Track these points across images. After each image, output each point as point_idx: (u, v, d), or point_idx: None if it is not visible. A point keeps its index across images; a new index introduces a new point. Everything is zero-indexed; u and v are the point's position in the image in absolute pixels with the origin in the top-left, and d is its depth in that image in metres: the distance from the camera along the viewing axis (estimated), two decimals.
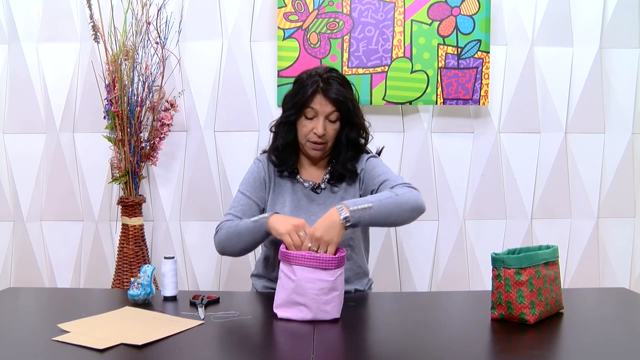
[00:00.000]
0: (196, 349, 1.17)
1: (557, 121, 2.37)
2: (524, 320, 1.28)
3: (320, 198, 1.67)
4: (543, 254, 1.35)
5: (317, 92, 1.58)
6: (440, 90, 2.27)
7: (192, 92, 2.32)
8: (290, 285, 1.33)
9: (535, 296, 1.29)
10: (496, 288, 1.32)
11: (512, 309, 1.30)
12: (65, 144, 2.35)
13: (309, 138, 1.62)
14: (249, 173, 1.72)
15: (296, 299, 1.32)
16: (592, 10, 2.34)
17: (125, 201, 2.17)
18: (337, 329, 1.30)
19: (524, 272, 1.29)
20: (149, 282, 1.47)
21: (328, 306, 1.32)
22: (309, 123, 1.61)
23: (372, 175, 1.66)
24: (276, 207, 1.65)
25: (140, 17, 2.11)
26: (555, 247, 1.40)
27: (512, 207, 2.40)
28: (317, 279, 1.31)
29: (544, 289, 1.32)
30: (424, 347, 1.22)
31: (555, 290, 1.36)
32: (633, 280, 2.45)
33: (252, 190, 1.67)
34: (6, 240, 2.40)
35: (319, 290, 1.31)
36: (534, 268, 1.31)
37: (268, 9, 2.29)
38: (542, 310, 1.31)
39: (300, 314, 1.33)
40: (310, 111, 1.60)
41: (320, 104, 1.59)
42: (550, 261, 1.37)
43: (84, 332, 1.23)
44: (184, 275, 2.38)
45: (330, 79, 1.60)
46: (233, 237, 1.56)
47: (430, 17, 2.24)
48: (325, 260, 1.31)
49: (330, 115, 1.60)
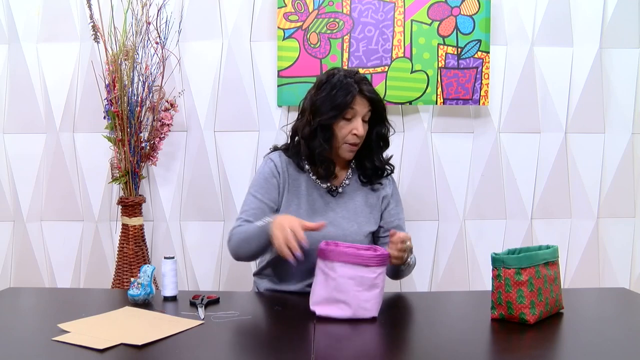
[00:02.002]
0: (196, 349, 1.17)
1: (557, 121, 2.37)
2: (524, 320, 1.28)
3: (338, 201, 1.65)
4: (543, 254, 1.35)
5: (357, 93, 1.59)
6: (440, 90, 2.27)
7: (192, 92, 2.32)
8: (331, 283, 1.31)
9: (536, 296, 1.29)
10: (496, 288, 1.32)
11: (512, 309, 1.30)
12: (65, 144, 2.35)
13: (347, 140, 1.61)
14: (259, 174, 1.67)
15: (336, 295, 1.31)
16: (592, 10, 2.34)
17: (125, 201, 2.17)
18: (337, 328, 1.30)
19: (524, 272, 1.29)
20: (149, 282, 1.47)
21: (368, 304, 1.31)
22: (347, 125, 1.60)
23: (394, 212, 1.71)
24: (291, 209, 1.62)
25: (140, 17, 2.11)
26: (555, 247, 1.40)
27: (512, 207, 2.40)
28: (358, 275, 1.30)
29: (544, 289, 1.32)
30: (424, 347, 1.22)
31: (555, 290, 1.36)
32: (633, 280, 2.46)
33: (263, 192, 1.63)
34: (6, 240, 2.40)
35: (360, 287, 1.30)
36: (534, 268, 1.31)
37: (268, 9, 2.29)
38: (542, 310, 1.31)
39: (340, 312, 1.31)
40: (350, 112, 1.59)
41: (360, 104, 1.60)
42: (551, 261, 1.37)
43: (84, 332, 1.23)
44: (184, 275, 2.38)
45: (362, 79, 1.63)
46: (243, 244, 1.53)
47: (430, 17, 2.24)
48: (367, 257, 1.30)
49: (366, 115, 1.62)
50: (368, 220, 1.65)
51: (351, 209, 1.65)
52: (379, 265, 1.32)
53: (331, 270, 1.32)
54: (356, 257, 1.30)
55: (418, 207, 2.36)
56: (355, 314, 1.31)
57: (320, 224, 1.41)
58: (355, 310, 1.31)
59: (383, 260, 1.33)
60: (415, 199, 2.35)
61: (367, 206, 1.66)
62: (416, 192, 2.36)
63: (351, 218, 1.63)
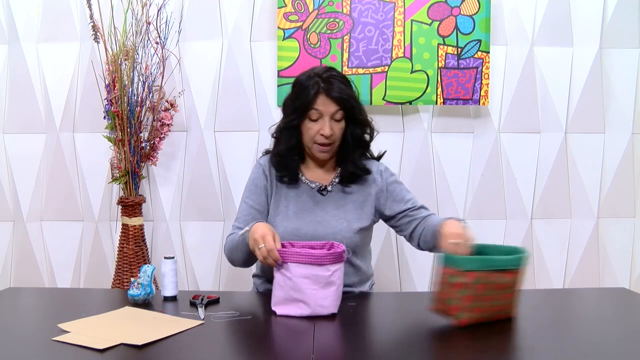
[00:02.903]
0: (196, 349, 1.17)
1: (557, 121, 2.37)
2: (457, 320, 1.26)
3: (328, 200, 1.65)
4: (499, 260, 1.28)
5: (320, 92, 1.55)
6: (440, 90, 2.27)
7: (192, 92, 2.32)
8: (287, 283, 1.34)
9: (474, 300, 1.25)
10: (438, 284, 1.30)
11: (448, 308, 1.28)
12: (65, 144, 2.35)
13: (316, 140, 1.58)
14: (249, 179, 1.69)
15: (294, 295, 1.34)
16: (592, 10, 2.34)
17: (125, 201, 2.17)
18: (337, 328, 1.30)
19: (468, 275, 1.24)
20: (149, 282, 1.47)
21: (325, 301, 1.33)
22: (314, 125, 1.57)
23: (399, 197, 1.67)
24: (279, 211, 1.63)
25: (140, 17, 2.11)
26: (521, 256, 1.31)
27: (512, 207, 2.40)
28: (312, 274, 1.32)
29: (485, 295, 1.26)
30: (424, 347, 1.22)
31: (506, 297, 1.30)
32: (633, 280, 2.46)
33: (253, 198, 1.65)
34: (6, 240, 2.40)
35: (315, 286, 1.32)
36: (480, 273, 1.25)
37: (268, 9, 2.29)
38: (479, 315, 1.27)
39: (299, 310, 1.34)
40: (314, 113, 1.56)
41: (324, 104, 1.56)
42: (509, 269, 1.29)
43: (84, 332, 1.23)
44: (184, 275, 2.38)
45: (331, 77, 1.57)
46: (233, 252, 1.56)
47: (430, 17, 2.24)
48: (320, 256, 1.32)
49: (335, 114, 1.57)
50: (359, 216, 1.64)
51: (341, 206, 1.64)
52: (332, 262, 1.33)
53: (287, 270, 1.34)
54: (308, 256, 1.32)
55: None
56: (314, 312, 1.33)
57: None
58: (313, 309, 1.33)
59: (336, 258, 1.34)
60: None
61: (358, 202, 1.65)
62: (416, 192, 2.33)
63: (340, 216, 1.62)
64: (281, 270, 1.36)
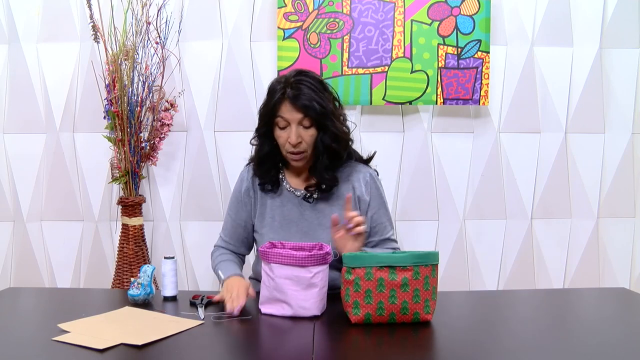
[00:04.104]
0: (196, 349, 1.17)
1: (557, 121, 2.37)
2: (351, 317, 1.30)
3: (313, 209, 1.60)
4: (384, 257, 1.30)
5: (284, 99, 1.49)
6: (440, 90, 2.27)
7: (192, 92, 2.32)
8: (271, 283, 1.36)
9: (362, 298, 1.28)
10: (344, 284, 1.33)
11: (345, 305, 1.32)
12: (65, 144, 2.35)
13: (287, 149, 1.53)
14: (232, 191, 1.70)
15: (277, 295, 1.36)
16: (592, 10, 2.34)
17: (125, 201, 2.17)
18: (337, 328, 1.30)
19: (353, 271, 1.29)
20: (149, 282, 1.47)
21: (307, 303, 1.34)
22: (283, 133, 1.52)
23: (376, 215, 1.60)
24: (265, 222, 1.62)
25: (140, 17, 2.11)
26: (419, 253, 1.31)
27: (512, 207, 2.40)
28: (294, 275, 1.33)
29: (376, 292, 1.28)
30: (424, 347, 1.22)
31: (406, 297, 1.29)
32: (633, 280, 2.46)
33: (235, 211, 1.67)
34: (6, 240, 2.40)
35: (297, 287, 1.33)
36: (364, 269, 1.28)
37: (268, 9, 2.29)
38: (372, 314, 1.28)
39: (282, 310, 1.36)
40: (281, 121, 1.51)
41: (289, 111, 1.49)
42: (400, 266, 1.28)
43: (84, 332, 1.23)
44: (184, 275, 2.38)
45: (298, 82, 1.50)
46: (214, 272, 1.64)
47: (430, 17, 2.24)
48: (302, 258, 1.33)
49: (303, 121, 1.50)
50: None
51: (327, 215, 1.57)
52: (315, 264, 1.33)
53: (271, 271, 1.36)
54: (290, 257, 1.33)
55: (418, 207, 2.36)
56: (296, 313, 1.34)
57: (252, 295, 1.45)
58: (295, 310, 1.34)
59: (319, 260, 1.34)
60: (415, 199, 2.35)
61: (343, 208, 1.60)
62: (416, 192, 2.36)
63: (326, 224, 1.55)
64: (266, 270, 1.38)
